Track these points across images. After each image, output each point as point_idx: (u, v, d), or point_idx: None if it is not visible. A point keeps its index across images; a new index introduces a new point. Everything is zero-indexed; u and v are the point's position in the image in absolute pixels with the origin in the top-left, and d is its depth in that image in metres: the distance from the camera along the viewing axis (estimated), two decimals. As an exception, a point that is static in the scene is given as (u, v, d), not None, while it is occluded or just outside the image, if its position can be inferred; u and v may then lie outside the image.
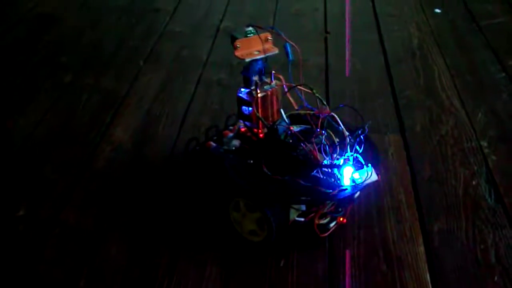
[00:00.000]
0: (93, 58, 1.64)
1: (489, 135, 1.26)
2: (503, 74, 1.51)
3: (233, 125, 1.08)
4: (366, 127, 0.93)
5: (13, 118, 1.35)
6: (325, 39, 1.74)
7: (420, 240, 0.98)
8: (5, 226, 1.03)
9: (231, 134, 1.05)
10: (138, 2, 2.03)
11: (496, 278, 0.91)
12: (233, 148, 1.01)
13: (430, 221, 1.02)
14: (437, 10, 1.92)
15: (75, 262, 0.95)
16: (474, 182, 1.11)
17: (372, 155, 0.95)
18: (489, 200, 1.07)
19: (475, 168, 1.16)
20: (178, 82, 1.50)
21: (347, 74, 1.52)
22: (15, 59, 1.64)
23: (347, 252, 0.96)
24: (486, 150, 1.21)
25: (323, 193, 0.88)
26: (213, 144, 1.04)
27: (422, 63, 1.58)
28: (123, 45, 1.71)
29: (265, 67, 0.98)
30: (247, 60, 0.95)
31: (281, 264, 0.94)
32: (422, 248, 0.97)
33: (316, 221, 0.94)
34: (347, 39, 1.70)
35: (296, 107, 1.00)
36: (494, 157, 1.18)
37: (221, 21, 1.86)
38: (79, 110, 1.38)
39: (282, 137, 0.96)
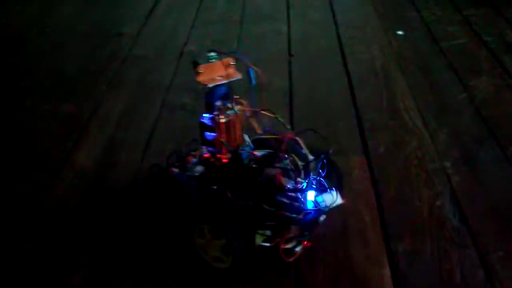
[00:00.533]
0: (55, 82, 1.62)
1: (452, 155, 1.27)
2: (465, 95, 1.53)
3: (195, 150, 1.07)
4: (329, 150, 0.93)
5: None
6: (289, 62, 1.75)
7: (386, 261, 0.98)
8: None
9: (194, 160, 1.04)
10: (102, 26, 2.02)
11: (461, 299, 0.92)
12: (197, 174, 1.00)
13: (395, 242, 1.02)
14: (400, 32, 1.95)
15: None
16: (438, 203, 1.12)
17: (337, 178, 0.95)
18: (453, 220, 1.08)
19: (439, 188, 1.16)
20: (141, 106, 1.49)
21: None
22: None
23: (314, 276, 0.95)
24: (449, 171, 1.22)
25: (287, 218, 0.87)
26: (175, 170, 1.03)
27: (385, 85, 1.60)
28: (86, 69, 1.69)
29: (228, 92, 0.97)
30: (210, 85, 0.95)
31: (247, 291, 0.93)
32: (387, 270, 0.96)
33: (282, 246, 0.93)
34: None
35: (259, 132, 1.00)
36: (457, 178, 1.19)
37: (185, 44, 1.86)
38: (40, 136, 1.35)
39: (246, 162, 0.95)
